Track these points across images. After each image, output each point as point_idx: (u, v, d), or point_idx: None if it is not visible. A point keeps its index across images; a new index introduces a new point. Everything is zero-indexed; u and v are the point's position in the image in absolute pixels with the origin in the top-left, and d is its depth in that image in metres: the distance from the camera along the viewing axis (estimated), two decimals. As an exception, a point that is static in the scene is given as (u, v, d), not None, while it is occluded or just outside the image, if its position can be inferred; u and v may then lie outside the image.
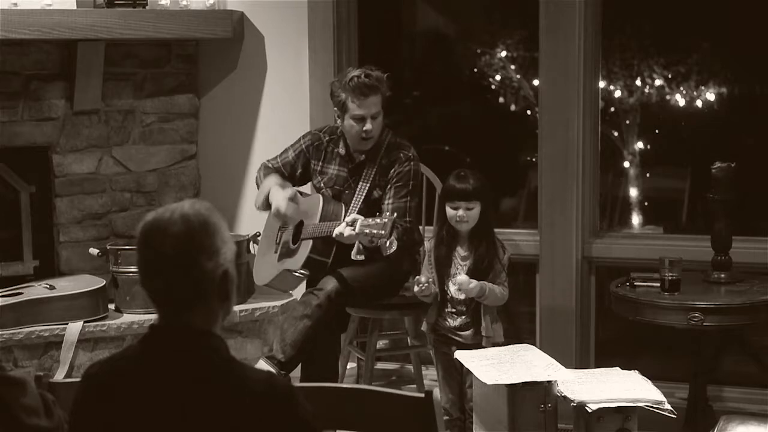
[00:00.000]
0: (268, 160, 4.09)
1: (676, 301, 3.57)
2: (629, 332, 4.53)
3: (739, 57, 4.89)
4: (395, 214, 3.57)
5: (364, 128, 3.81)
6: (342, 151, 3.96)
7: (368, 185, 3.88)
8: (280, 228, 4.02)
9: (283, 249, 3.95)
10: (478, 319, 3.60)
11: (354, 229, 3.53)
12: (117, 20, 4.26)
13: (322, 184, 3.97)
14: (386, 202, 3.83)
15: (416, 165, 3.91)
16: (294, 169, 4.04)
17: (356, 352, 4.15)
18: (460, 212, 3.59)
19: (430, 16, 5.56)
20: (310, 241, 3.78)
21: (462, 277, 3.55)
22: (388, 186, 3.86)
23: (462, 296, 3.60)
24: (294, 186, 3.98)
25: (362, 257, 3.66)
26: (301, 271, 3.79)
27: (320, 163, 4.00)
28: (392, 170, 3.86)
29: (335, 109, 3.90)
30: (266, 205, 3.92)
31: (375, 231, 3.48)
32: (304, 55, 4.53)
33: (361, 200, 3.85)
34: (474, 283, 3.52)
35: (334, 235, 3.63)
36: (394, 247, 3.59)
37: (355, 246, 3.63)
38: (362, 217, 3.56)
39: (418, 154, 3.94)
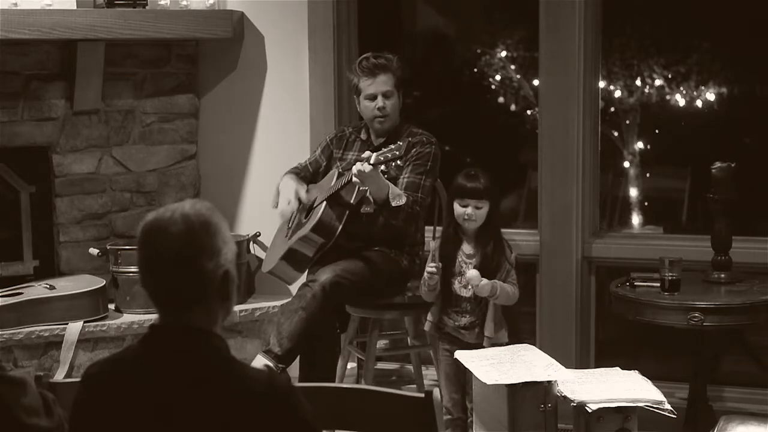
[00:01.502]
0: (299, 163, 4.15)
1: (676, 301, 3.57)
2: (629, 332, 4.53)
3: (739, 57, 4.90)
4: (409, 141, 3.73)
5: (377, 105, 3.91)
6: (364, 136, 4.05)
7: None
8: (293, 216, 4.02)
9: (295, 228, 3.94)
10: (484, 318, 3.59)
11: (371, 161, 3.58)
12: (117, 20, 4.26)
13: (341, 170, 4.00)
14: (402, 177, 3.87)
15: (437, 150, 3.96)
16: (318, 165, 4.11)
17: (356, 352, 4.14)
18: (469, 210, 3.58)
19: (430, 16, 5.57)
20: (323, 207, 3.79)
21: (472, 272, 3.51)
22: (407, 163, 3.88)
23: (467, 294, 3.58)
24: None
25: (370, 209, 3.78)
26: (312, 235, 3.78)
27: (341, 151, 4.08)
28: (413, 150, 3.90)
29: (355, 96, 4.03)
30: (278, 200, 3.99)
31: (390, 155, 3.58)
32: (304, 55, 4.53)
33: None
34: (485, 281, 3.51)
35: (353, 173, 3.64)
36: (403, 201, 3.70)
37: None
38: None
39: None
